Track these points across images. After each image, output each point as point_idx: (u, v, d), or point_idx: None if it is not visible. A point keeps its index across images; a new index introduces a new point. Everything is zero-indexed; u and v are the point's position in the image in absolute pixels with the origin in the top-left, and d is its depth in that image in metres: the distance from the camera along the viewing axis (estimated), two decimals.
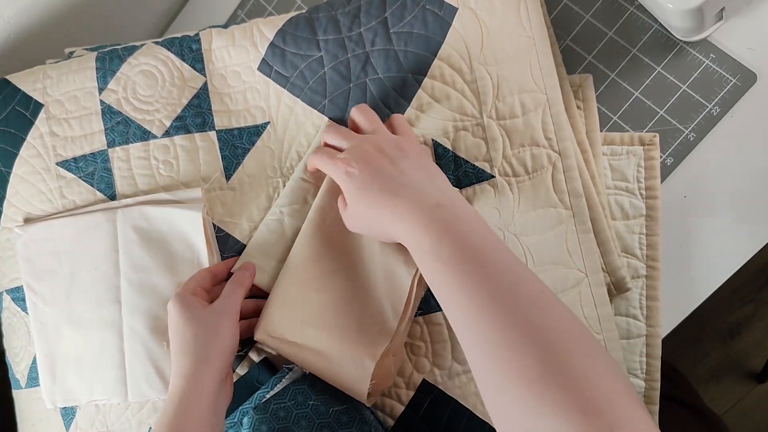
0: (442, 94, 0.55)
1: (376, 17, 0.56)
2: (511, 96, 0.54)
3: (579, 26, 0.60)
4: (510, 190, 0.54)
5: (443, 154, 0.55)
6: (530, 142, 0.54)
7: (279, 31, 0.57)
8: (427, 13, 0.55)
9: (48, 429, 0.60)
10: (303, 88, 0.57)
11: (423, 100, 0.55)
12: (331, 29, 0.57)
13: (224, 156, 0.58)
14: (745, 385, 1.26)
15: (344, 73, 0.56)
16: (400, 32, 0.55)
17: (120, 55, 0.60)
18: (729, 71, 0.56)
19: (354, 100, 0.56)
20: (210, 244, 0.57)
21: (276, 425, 0.54)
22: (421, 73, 0.55)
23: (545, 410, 0.34)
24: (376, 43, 0.56)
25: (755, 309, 1.28)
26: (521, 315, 0.37)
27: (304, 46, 0.57)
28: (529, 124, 0.54)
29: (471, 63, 0.54)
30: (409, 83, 0.55)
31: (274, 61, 0.58)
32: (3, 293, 0.62)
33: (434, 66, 0.55)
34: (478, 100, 0.54)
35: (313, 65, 0.57)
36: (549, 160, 0.53)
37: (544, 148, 0.53)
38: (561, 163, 0.53)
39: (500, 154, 0.54)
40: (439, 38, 0.55)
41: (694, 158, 0.57)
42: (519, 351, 0.36)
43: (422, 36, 0.55)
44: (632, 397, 0.35)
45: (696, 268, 0.57)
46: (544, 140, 0.53)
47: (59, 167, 0.60)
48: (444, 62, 0.55)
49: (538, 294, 0.39)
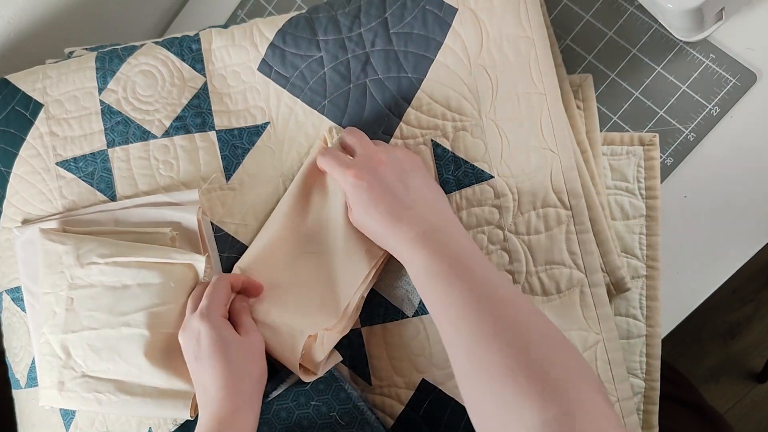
0: (442, 95, 0.55)
1: (376, 17, 0.56)
2: (510, 97, 0.54)
3: (579, 26, 0.60)
4: (509, 191, 0.54)
5: (443, 154, 0.55)
6: (529, 143, 0.53)
7: (279, 31, 0.57)
8: (427, 13, 0.55)
9: (48, 429, 0.60)
10: (303, 88, 0.57)
11: (422, 100, 0.55)
12: (332, 29, 0.56)
13: (224, 156, 0.58)
14: (745, 385, 1.26)
15: (344, 73, 0.56)
16: (400, 33, 0.55)
17: (120, 55, 0.60)
18: (729, 71, 0.56)
19: (354, 101, 0.56)
20: (205, 244, 0.57)
21: (278, 426, 0.54)
22: (421, 74, 0.55)
23: (512, 399, 0.38)
24: (376, 43, 0.56)
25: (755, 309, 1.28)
26: (496, 315, 0.42)
27: (304, 47, 0.57)
28: (528, 125, 0.53)
29: (470, 64, 0.54)
30: (408, 84, 0.55)
31: (274, 61, 0.58)
32: (3, 293, 0.62)
33: (434, 67, 0.55)
34: (477, 101, 0.54)
35: (313, 65, 0.57)
36: (548, 160, 0.53)
37: (543, 149, 0.53)
38: (560, 163, 0.53)
39: (499, 155, 0.54)
40: (439, 39, 0.55)
41: (694, 158, 0.57)
42: (492, 347, 0.40)
43: (422, 36, 0.55)
44: (593, 385, 0.39)
45: (696, 268, 0.57)
46: (543, 140, 0.53)
47: (59, 167, 0.60)
48: (443, 63, 0.55)
49: (513, 297, 0.44)
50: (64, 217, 0.59)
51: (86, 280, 0.55)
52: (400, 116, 0.56)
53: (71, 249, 0.56)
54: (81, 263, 0.55)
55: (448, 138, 0.55)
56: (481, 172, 0.54)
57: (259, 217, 0.58)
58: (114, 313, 0.54)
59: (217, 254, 0.58)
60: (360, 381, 0.56)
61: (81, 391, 0.55)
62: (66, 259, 0.56)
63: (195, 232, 0.57)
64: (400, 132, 0.56)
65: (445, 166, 0.55)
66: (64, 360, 0.55)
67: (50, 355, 0.56)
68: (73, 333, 0.55)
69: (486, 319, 0.42)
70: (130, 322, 0.54)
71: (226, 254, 0.58)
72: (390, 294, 0.56)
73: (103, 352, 0.54)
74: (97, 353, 0.54)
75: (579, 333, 0.52)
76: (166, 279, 0.55)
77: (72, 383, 0.55)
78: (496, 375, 0.39)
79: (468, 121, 0.55)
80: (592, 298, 0.52)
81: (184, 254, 0.55)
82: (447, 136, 0.55)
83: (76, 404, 0.56)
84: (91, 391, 0.55)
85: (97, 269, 0.55)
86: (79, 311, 0.55)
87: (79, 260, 0.55)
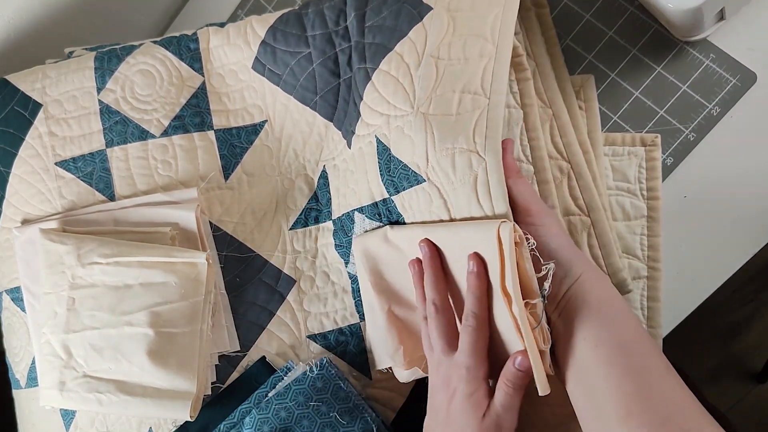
0: (387, 87, 0.52)
1: (357, 9, 0.54)
2: (451, 93, 0.48)
3: (579, 26, 0.60)
4: (440, 196, 0.47)
5: (383, 152, 0.51)
6: (456, 144, 0.46)
7: (270, 29, 0.57)
8: (403, 8, 0.53)
9: (48, 429, 0.60)
10: (295, 85, 0.57)
11: (372, 93, 0.52)
12: (319, 24, 0.56)
13: (223, 155, 0.58)
14: (745, 385, 1.26)
15: (333, 68, 0.56)
16: (372, 26, 0.54)
17: (118, 55, 0.60)
18: (729, 71, 0.56)
19: (341, 97, 0.56)
20: (204, 243, 0.57)
21: (278, 425, 0.54)
22: (375, 65, 0.53)
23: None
24: (354, 35, 0.55)
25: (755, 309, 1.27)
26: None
27: (293, 43, 0.56)
28: (459, 124, 0.47)
29: (422, 54, 0.51)
30: (365, 76, 0.53)
31: (266, 59, 0.57)
32: (3, 293, 0.62)
33: (388, 57, 0.52)
34: (414, 93, 0.50)
35: (302, 62, 0.57)
36: (473, 165, 0.45)
37: (470, 152, 0.46)
38: (486, 172, 0.45)
39: (424, 155, 0.47)
40: (405, 31, 0.52)
41: (694, 158, 0.57)
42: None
43: (388, 28, 0.53)
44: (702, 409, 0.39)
45: (696, 268, 0.57)
46: (472, 143, 0.46)
47: (58, 167, 0.60)
48: (399, 53, 0.52)
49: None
50: (64, 217, 0.59)
51: (88, 279, 0.55)
52: (359, 112, 0.54)
53: (72, 249, 0.56)
54: (82, 263, 0.55)
55: (387, 134, 0.50)
56: (415, 174, 0.48)
57: (257, 216, 0.58)
58: (116, 313, 0.55)
59: (215, 253, 0.58)
60: (360, 376, 0.56)
61: (82, 391, 0.55)
62: (67, 259, 0.56)
63: (193, 231, 0.57)
64: (359, 129, 0.53)
65: (385, 165, 0.50)
66: (65, 360, 0.55)
67: (51, 355, 0.56)
68: (74, 333, 0.55)
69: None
70: (132, 322, 0.54)
71: (224, 253, 0.58)
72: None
73: (105, 352, 0.55)
74: (99, 353, 0.54)
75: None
76: (168, 278, 0.55)
77: (73, 383, 0.55)
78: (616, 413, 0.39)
79: (403, 114, 0.50)
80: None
81: (185, 252, 0.55)
82: (386, 131, 0.50)
83: (77, 404, 0.56)
84: (92, 391, 0.54)
85: (98, 269, 0.55)
86: (81, 311, 0.55)
87: (81, 260, 0.55)
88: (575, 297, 0.42)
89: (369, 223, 0.54)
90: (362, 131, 0.53)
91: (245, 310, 0.58)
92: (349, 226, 0.55)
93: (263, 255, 0.58)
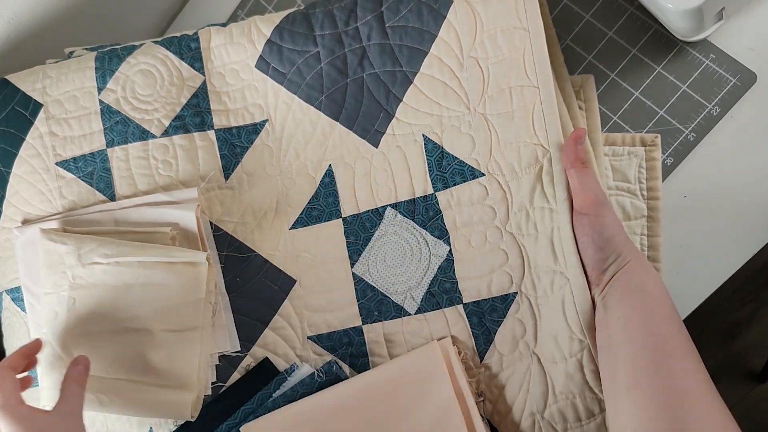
0: (434, 89, 0.55)
1: (372, 11, 0.55)
2: (502, 90, 0.53)
3: (579, 26, 0.60)
4: (500, 188, 0.53)
5: (433, 149, 0.55)
6: (520, 138, 0.53)
7: (276, 28, 0.57)
8: (422, 6, 0.54)
9: None
10: (300, 84, 0.57)
11: (415, 95, 0.55)
12: (328, 24, 0.56)
13: (223, 155, 0.58)
14: (745, 385, 1.26)
15: (341, 68, 0.56)
16: (395, 26, 0.55)
17: (119, 55, 0.60)
18: (729, 71, 0.56)
19: (351, 96, 0.56)
20: (204, 242, 0.57)
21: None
22: (414, 68, 0.55)
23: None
24: (372, 37, 0.55)
25: (755, 309, 1.27)
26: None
27: (301, 42, 0.57)
28: (519, 120, 0.53)
29: (463, 56, 0.54)
30: (403, 78, 0.55)
31: (271, 57, 0.57)
32: (3, 293, 0.62)
33: (427, 60, 0.54)
34: (467, 95, 0.54)
35: (309, 61, 0.57)
36: (538, 157, 0.52)
37: (534, 144, 0.53)
38: (551, 159, 0.52)
39: (488, 151, 0.53)
40: (434, 31, 0.54)
41: (694, 158, 0.57)
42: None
43: (417, 29, 0.54)
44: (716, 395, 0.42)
45: (696, 268, 0.57)
46: (534, 136, 0.53)
47: (59, 167, 0.60)
48: (437, 56, 0.54)
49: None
50: (64, 217, 0.59)
51: (88, 280, 0.55)
52: (394, 112, 0.56)
53: (72, 249, 0.56)
54: (83, 263, 0.55)
55: (439, 133, 0.55)
56: (471, 169, 0.54)
57: (257, 216, 0.58)
58: (117, 313, 0.55)
59: (216, 253, 0.58)
60: None
61: None
62: (68, 259, 0.56)
63: (194, 231, 0.57)
64: (392, 129, 0.56)
65: (436, 162, 0.55)
66: (65, 360, 0.55)
67: (51, 355, 0.56)
68: (74, 333, 0.55)
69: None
70: (132, 322, 0.54)
71: (224, 253, 0.58)
72: (391, 291, 0.56)
73: (106, 352, 0.55)
74: (99, 353, 0.55)
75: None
76: (169, 278, 0.55)
77: None
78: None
79: (458, 115, 0.54)
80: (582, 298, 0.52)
81: (186, 252, 0.55)
82: (438, 130, 0.55)
83: None
84: (93, 392, 0.55)
85: (99, 269, 0.55)
86: (82, 311, 0.55)
87: (81, 260, 0.55)
88: (619, 281, 0.47)
89: (401, 219, 0.56)
90: (400, 131, 0.55)
91: (245, 310, 0.58)
92: (373, 222, 0.56)
93: (263, 255, 0.58)
